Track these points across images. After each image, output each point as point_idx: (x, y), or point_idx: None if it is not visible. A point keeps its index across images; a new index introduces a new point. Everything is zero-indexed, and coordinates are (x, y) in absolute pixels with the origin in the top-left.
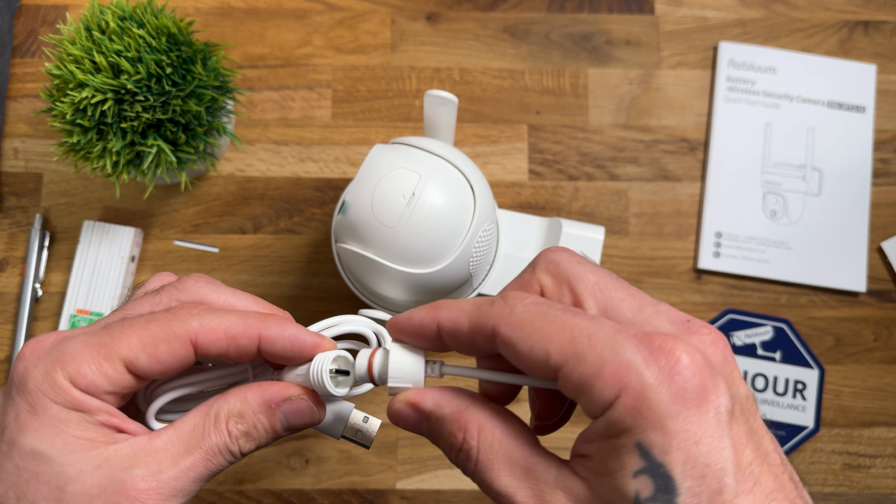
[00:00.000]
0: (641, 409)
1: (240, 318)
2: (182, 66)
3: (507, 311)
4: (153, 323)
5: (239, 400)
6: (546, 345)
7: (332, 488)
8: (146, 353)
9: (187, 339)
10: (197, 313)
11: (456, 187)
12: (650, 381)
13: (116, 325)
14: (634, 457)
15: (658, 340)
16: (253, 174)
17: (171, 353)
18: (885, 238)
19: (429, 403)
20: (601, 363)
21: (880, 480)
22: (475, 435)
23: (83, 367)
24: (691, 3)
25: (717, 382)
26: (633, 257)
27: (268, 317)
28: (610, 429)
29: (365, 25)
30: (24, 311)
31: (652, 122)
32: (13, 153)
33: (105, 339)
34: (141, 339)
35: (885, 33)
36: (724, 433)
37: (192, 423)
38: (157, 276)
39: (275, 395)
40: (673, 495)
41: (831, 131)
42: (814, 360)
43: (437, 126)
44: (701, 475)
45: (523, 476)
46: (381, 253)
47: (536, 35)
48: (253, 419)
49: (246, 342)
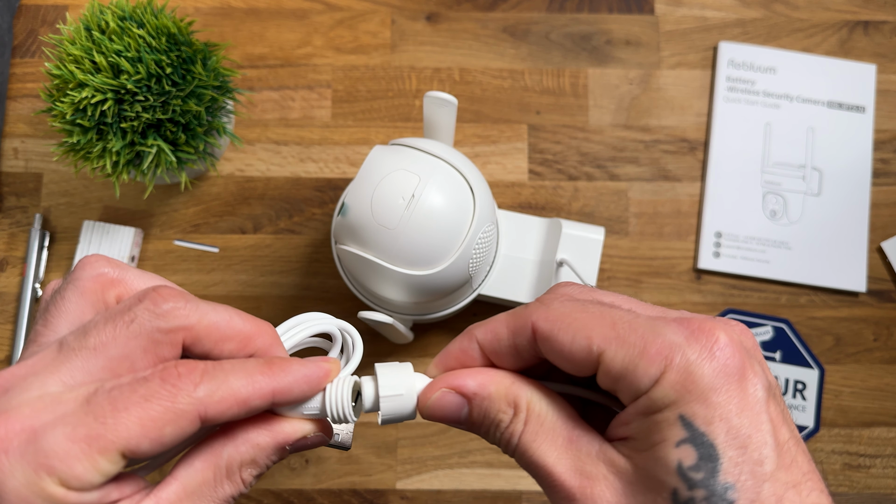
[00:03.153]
0: (686, 383)
1: (247, 376)
2: (182, 66)
3: (544, 308)
4: (153, 400)
5: (251, 448)
6: (588, 332)
7: (332, 488)
8: (149, 438)
9: (196, 415)
10: (200, 379)
11: (455, 189)
12: (693, 358)
13: (104, 405)
14: (677, 428)
15: (697, 322)
16: (253, 174)
17: (178, 433)
18: (885, 238)
19: (471, 385)
20: (644, 343)
21: (880, 480)
22: (524, 408)
23: (75, 467)
24: (691, 3)
25: (753, 364)
26: (633, 257)
27: (271, 364)
28: (653, 405)
29: (365, 25)
30: (24, 311)
31: (652, 122)
32: (13, 153)
33: (96, 430)
34: (141, 422)
35: (885, 33)
36: (762, 409)
37: (201, 475)
38: (49, 285)
39: (288, 437)
40: (716, 463)
41: (831, 131)
42: (814, 360)
43: (436, 127)
44: (742, 445)
45: (565, 447)
46: (380, 255)
47: (536, 35)
48: (266, 462)
49: (259, 403)
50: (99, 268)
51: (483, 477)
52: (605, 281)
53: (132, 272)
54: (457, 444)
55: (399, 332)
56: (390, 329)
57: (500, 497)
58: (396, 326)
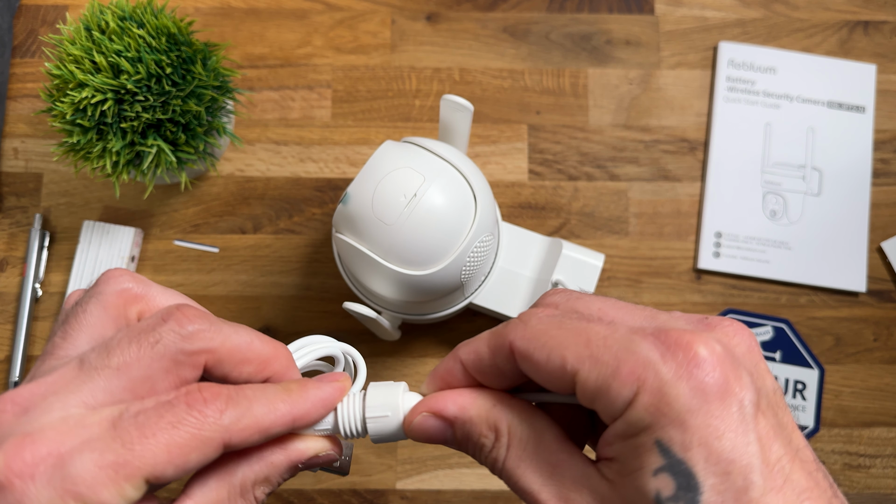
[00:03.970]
0: (660, 405)
1: (268, 404)
2: (182, 66)
3: (522, 326)
4: (179, 427)
5: (265, 466)
6: (562, 351)
7: (332, 488)
8: (174, 465)
9: (220, 442)
10: (225, 406)
11: (458, 194)
12: (668, 377)
13: (130, 430)
14: (654, 455)
15: (674, 336)
16: (253, 174)
17: (202, 459)
18: (885, 238)
19: (452, 409)
20: (617, 362)
21: (880, 480)
22: (505, 433)
23: (102, 494)
24: (691, 3)
25: (739, 375)
26: (632, 257)
27: (290, 391)
28: (629, 429)
29: (365, 25)
30: (24, 311)
31: (652, 122)
32: (13, 153)
33: (124, 456)
34: (168, 449)
35: (885, 33)
36: (748, 427)
37: (216, 494)
38: (71, 295)
39: (301, 455)
40: (695, 493)
41: (831, 131)
42: (814, 360)
43: (451, 131)
44: (725, 472)
45: (549, 474)
46: (375, 249)
47: (536, 35)
48: (278, 479)
49: (279, 430)
50: (123, 282)
51: (483, 477)
52: (605, 281)
53: (155, 288)
54: None
55: (384, 328)
56: (375, 324)
57: (500, 497)
58: (381, 322)
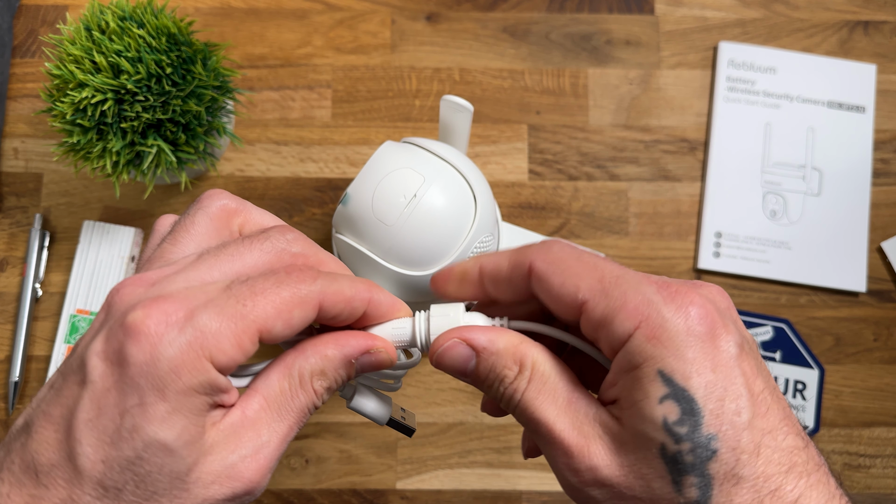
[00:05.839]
0: (661, 337)
1: (351, 282)
2: (182, 66)
3: (545, 250)
4: (283, 286)
5: (320, 358)
6: (577, 280)
7: (332, 488)
8: (281, 319)
9: (317, 302)
10: (317, 275)
11: (458, 195)
12: (668, 316)
13: (243, 290)
14: (658, 384)
15: (675, 286)
16: (253, 174)
17: (303, 317)
18: (885, 238)
19: (482, 340)
20: (625, 299)
21: (880, 480)
22: (529, 366)
23: (224, 343)
24: (691, 3)
25: (725, 322)
26: (633, 257)
27: (368, 281)
28: (631, 359)
29: (365, 25)
30: (24, 311)
31: (652, 122)
32: (13, 153)
33: (239, 310)
34: (275, 305)
35: (885, 33)
36: (735, 364)
37: (277, 385)
38: (163, 218)
39: (355, 349)
40: (698, 417)
41: (831, 131)
42: (814, 360)
43: (451, 131)
44: (720, 398)
45: (564, 408)
46: (374, 249)
47: (536, 35)
48: (334, 374)
49: (359, 304)
50: (224, 198)
51: (483, 477)
52: None
53: (252, 206)
54: (457, 444)
55: None
56: None
57: (500, 497)
58: None
